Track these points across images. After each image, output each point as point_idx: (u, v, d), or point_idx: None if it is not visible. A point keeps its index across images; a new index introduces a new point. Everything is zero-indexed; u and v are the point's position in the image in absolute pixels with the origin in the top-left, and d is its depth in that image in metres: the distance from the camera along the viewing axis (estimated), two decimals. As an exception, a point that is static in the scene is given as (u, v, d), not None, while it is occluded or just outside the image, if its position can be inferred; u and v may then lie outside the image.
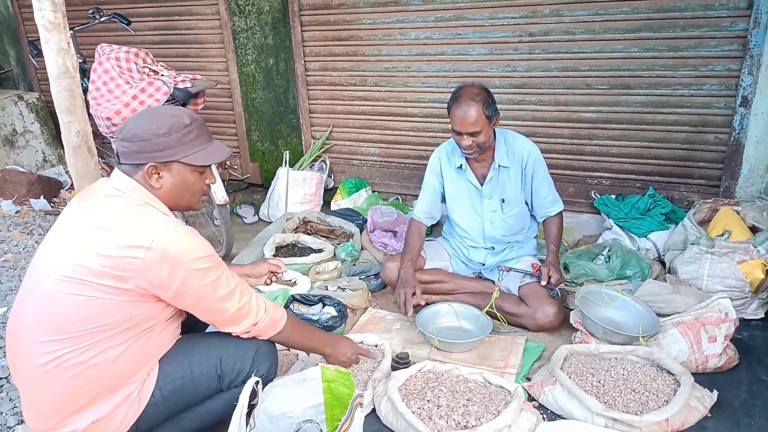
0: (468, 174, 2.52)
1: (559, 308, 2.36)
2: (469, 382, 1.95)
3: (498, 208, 2.53)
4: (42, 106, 4.66)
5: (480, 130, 2.29)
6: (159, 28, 4.23)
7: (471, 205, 2.58)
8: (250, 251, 3.15)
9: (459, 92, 2.34)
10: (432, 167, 2.62)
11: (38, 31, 2.20)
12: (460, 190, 2.57)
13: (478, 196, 2.54)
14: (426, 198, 2.64)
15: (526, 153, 2.46)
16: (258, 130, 4.20)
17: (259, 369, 1.60)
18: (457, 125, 2.32)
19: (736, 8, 2.78)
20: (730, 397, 1.93)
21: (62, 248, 1.43)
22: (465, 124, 2.29)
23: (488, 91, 2.34)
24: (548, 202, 2.52)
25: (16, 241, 3.37)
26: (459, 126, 2.31)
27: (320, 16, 3.71)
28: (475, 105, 2.27)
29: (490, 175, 2.48)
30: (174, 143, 1.49)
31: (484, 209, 2.55)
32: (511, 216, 2.54)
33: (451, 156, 2.56)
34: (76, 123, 2.32)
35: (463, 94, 2.31)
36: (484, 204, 2.54)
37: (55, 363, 1.38)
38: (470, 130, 2.29)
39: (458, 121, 2.31)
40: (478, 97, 2.28)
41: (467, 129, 2.29)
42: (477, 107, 2.27)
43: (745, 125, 2.89)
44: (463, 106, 2.28)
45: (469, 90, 2.32)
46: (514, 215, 2.54)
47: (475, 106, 2.27)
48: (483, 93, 2.31)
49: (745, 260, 2.37)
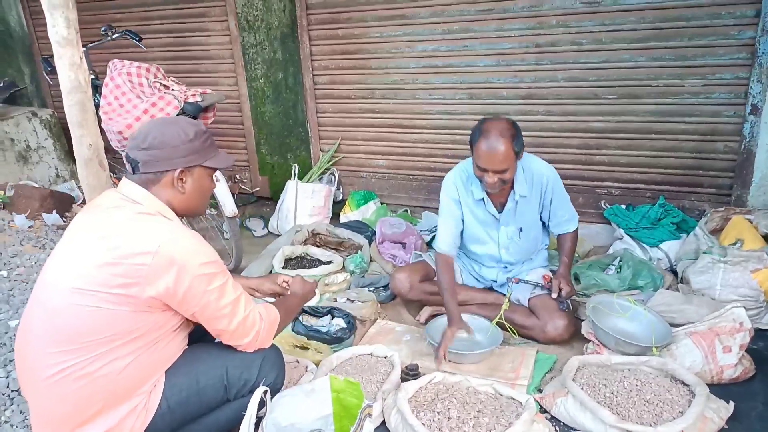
0: (488, 206, 2.40)
1: (570, 321, 2.33)
2: (479, 394, 1.93)
3: (515, 236, 2.46)
4: (55, 122, 4.73)
5: (508, 168, 2.15)
6: (170, 44, 4.30)
7: (486, 232, 2.49)
8: (260, 264, 3.16)
9: (485, 126, 2.15)
10: (449, 194, 2.44)
11: (52, 48, 2.25)
12: (477, 218, 2.46)
13: (495, 224, 2.45)
14: (449, 227, 2.44)
15: (545, 179, 2.35)
16: (267, 144, 4.24)
17: (266, 378, 1.60)
18: (483, 162, 2.15)
19: (744, 16, 2.77)
20: (747, 409, 1.90)
21: (70, 260, 1.44)
22: (493, 162, 2.12)
23: (516, 125, 2.18)
24: (565, 221, 2.47)
25: (28, 255, 3.40)
26: (486, 163, 2.14)
27: (328, 31, 3.75)
28: (505, 141, 2.10)
29: (509, 205, 2.38)
30: (198, 148, 1.57)
31: (500, 237, 2.47)
32: (527, 241, 2.50)
33: (467, 184, 2.41)
34: (87, 136, 2.35)
35: (491, 128, 2.13)
36: (501, 231, 2.46)
37: (62, 374, 1.38)
38: (498, 168, 2.14)
39: (485, 157, 2.13)
40: (507, 132, 2.11)
41: (495, 167, 2.13)
42: (506, 143, 2.10)
43: (755, 133, 2.86)
44: (492, 142, 2.10)
45: (496, 124, 2.14)
46: (530, 239, 2.50)
47: (504, 142, 2.09)
48: (512, 127, 2.15)
49: (758, 269, 2.34)
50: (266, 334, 1.63)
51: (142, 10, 4.29)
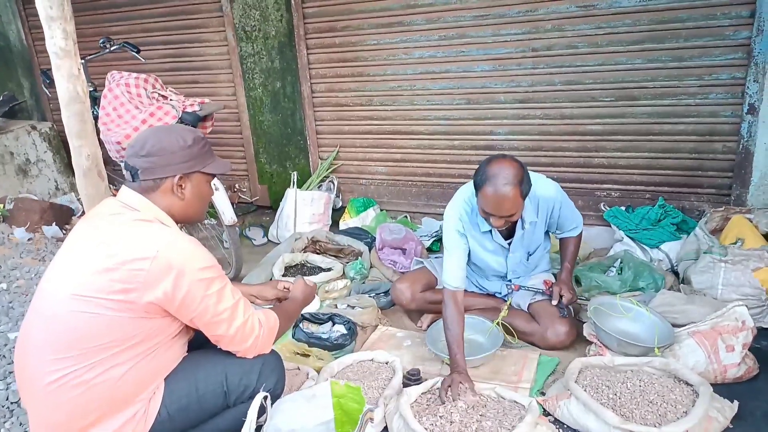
0: (495, 236, 2.33)
1: (571, 328, 2.31)
2: (482, 398, 1.91)
3: (524, 259, 2.43)
4: (54, 135, 4.75)
5: (515, 212, 2.06)
6: (169, 55, 4.32)
7: (494, 260, 2.44)
8: (260, 272, 3.15)
9: (491, 170, 2.00)
10: (454, 228, 2.30)
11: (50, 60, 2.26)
12: (485, 248, 2.39)
13: (503, 252, 2.40)
14: (456, 261, 2.28)
15: (552, 202, 2.28)
16: (266, 153, 4.24)
17: (266, 384, 1.59)
18: (490, 208, 2.04)
19: (739, 17, 2.78)
20: (752, 408, 1.88)
21: (69, 267, 1.44)
22: (500, 209, 2.02)
23: (523, 166, 2.05)
24: (571, 228, 2.45)
25: (28, 267, 3.40)
26: (493, 209, 2.04)
27: (325, 39, 3.77)
28: (513, 188, 1.97)
29: (517, 234, 2.31)
30: (196, 155, 1.58)
31: (509, 262, 2.43)
32: (534, 261, 2.49)
33: (471, 216, 2.30)
34: (86, 147, 2.35)
35: (499, 174, 1.98)
36: (509, 258, 2.42)
37: (61, 381, 1.38)
38: (506, 214, 2.04)
39: (492, 204, 2.02)
40: (515, 178, 1.97)
41: (502, 213, 2.04)
42: (515, 191, 1.97)
43: (753, 133, 2.86)
44: (500, 190, 1.97)
45: (504, 169, 1.98)
46: (537, 259, 2.49)
47: (512, 189, 1.97)
48: (519, 171, 2.01)
49: (760, 268, 2.33)
50: (266, 340, 1.63)
51: (140, 22, 4.32)
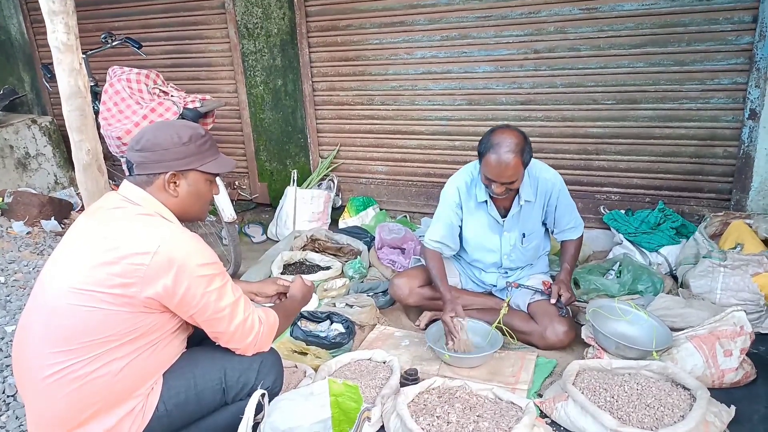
0: (490, 208, 2.39)
1: (570, 327, 2.31)
2: (479, 398, 1.91)
3: (518, 241, 2.44)
4: (54, 129, 4.74)
5: (516, 179, 2.17)
6: (170, 51, 4.32)
7: (489, 238, 2.47)
8: (258, 269, 3.15)
9: (494, 138, 2.14)
10: (450, 199, 2.42)
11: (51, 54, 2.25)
12: (480, 222, 2.44)
13: (498, 229, 2.44)
14: (440, 229, 2.44)
15: (550, 185, 2.35)
16: (266, 150, 4.24)
17: (264, 381, 1.59)
18: (492, 174, 2.15)
19: (741, 22, 2.79)
20: (749, 413, 1.88)
21: (70, 261, 1.44)
22: (502, 175, 2.13)
23: (525, 136, 2.17)
24: (570, 228, 2.46)
25: (26, 261, 3.39)
26: (495, 175, 2.15)
27: (327, 38, 3.76)
28: (514, 155, 2.10)
29: (513, 210, 2.37)
30: (193, 152, 1.55)
31: (503, 243, 2.45)
32: (530, 248, 2.49)
33: (470, 188, 2.40)
34: (86, 142, 2.35)
35: (501, 142, 2.12)
36: (504, 237, 2.44)
37: (59, 375, 1.37)
38: (507, 180, 2.15)
39: (494, 170, 2.14)
40: (517, 146, 2.11)
41: (503, 179, 2.15)
42: (516, 157, 2.10)
43: (754, 138, 2.87)
44: (502, 156, 2.10)
45: (506, 137, 2.12)
46: (533, 247, 2.49)
47: (514, 156, 2.10)
48: (521, 140, 2.14)
49: (759, 273, 2.33)
50: (265, 338, 1.62)
51: (142, 17, 4.31)
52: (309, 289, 1.97)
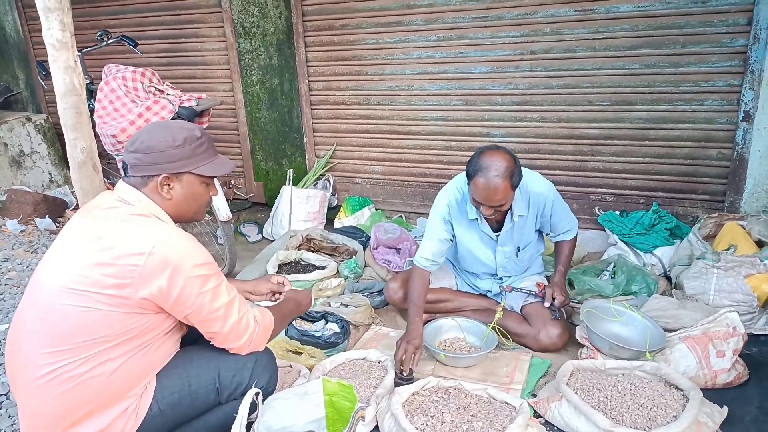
0: (482, 225, 2.35)
1: (563, 330, 2.31)
2: (473, 398, 1.92)
3: (513, 254, 2.43)
4: (49, 127, 4.72)
5: (505, 202, 2.12)
6: (166, 50, 4.31)
7: (483, 252, 2.45)
8: (254, 268, 3.15)
9: (483, 161, 2.07)
10: (440, 214, 2.36)
11: (47, 52, 2.24)
12: (472, 238, 2.41)
13: (491, 244, 2.41)
14: (432, 247, 2.37)
15: (542, 198, 2.30)
16: (262, 150, 4.24)
17: (258, 381, 1.59)
18: (480, 197, 2.10)
19: (736, 24, 2.80)
20: (741, 414, 1.89)
21: (64, 260, 1.43)
22: (491, 199, 2.09)
23: (515, 159, 2.11)
24: (565, 231, 2.46)
25: (20, 259, 3.38)
26: (483, 199, 2.10)
27: (324, 37, 3.76)
28: (503, 180, 2.04)
29: (506, 226, 2.33)
30: (187, 155, 1.53)
31: (498, 256, 2.44)
32: (525, 259, 2.49)
33: (461, 204, 2.35)
34: (81, 140, 2.34)
35: (490, 166, 2.04)
36: (498, 251, 2.43)
37: (52, 375, 1.37)
38: (495, 204, 2.11)
39: (482, 194, 2.09)
40: (506, 171, 2.04)
41: (492, 203, 2.10)
42: (505, 182, 2.04)
43: (747, 140, 2.88)
44: (491, 181, 2.04)
45: (495, 160, 2.05)
46: (527, 256, 2.49)
47: (503, 181, 2.03)
48: (511, 163, 2.07)
49: (752, 274, 2.34)
50: (260, 338, 1.62)
51: (138, 15, 4.30)
52: (307, 294, 1.98)
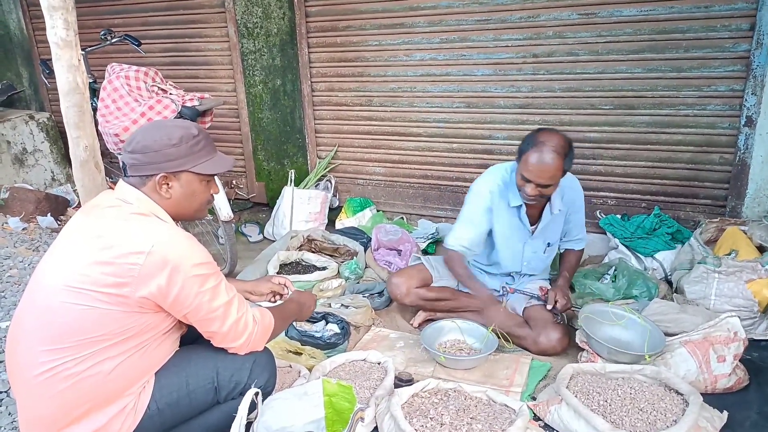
0: (521, 214, 2.32)
1: (563, 334, 2.31)
2: (473, 400, 1.91)
3: (541, 250, 2.42)
4: (52, 125, 4.73)
5: (553, 183, 2.09)
6: (169, 50, 4.31)
7: (513, 245, 2.43)
8: (255, 268, 3.15)
9: (541, 137, 2.06)
10: (482, 202, 2.31)
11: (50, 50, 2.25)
12: (508, 227, 2.36)
13: (524, 237, 2.39)
14: (469, 233, 2.34)
15: (576, 196, 2.31)
16: (264, 150, 4.24)
17: (257, 381, 1.58)
18: (530, 173, 2.06)
19: (739, 29, 2.80)
20: (741, 419, 1.89)
21: (64, 258, 1.44)
22: (542, 176, 2.05)
23: (571, 143, 2.10)
24: (576, 239, 2.47)
25: (21, 257, 3.38)
26: (533, 175, 2.06)
27: (327, 38, 3.77)
28: (557, 157, 2.02)
29: (544, 220, 2.32)
30: (184, 153, 1.52)
31: (525, 250, 2.41)
32: (549, 257, 2.49)
33: (503, 191, 2.30)
34: (84, 138, 2.35)
35: (546, 141, 2.04)
36: (527, 245, 2.40)
37: (51, 373, 1.37)
38: (545, 182, 2.07)
39: (534, 170, 2.05)
40: (562, 149, 2.03)
41: (541, 180, 2.07)
42: (558, 160, 2.03)
43: (750, 145, 2.88)
44: (545, 156, 2.02)
45: (552, 138, 2.05)
46: (551, 255, 2.49)
47: (557, 158, 2.02)
48: (566, 144, 2.06)
49: (753, 279, 2.34)
50: (259, 338, 1.62)
51: (141, 15, 4.31)
52: (311, 297, 1.98)
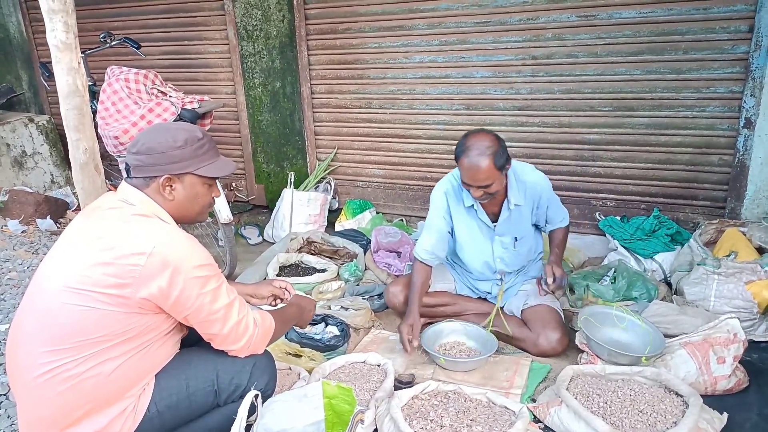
0: (480, 213, 2.39)
1: (563, 334, 2.31)
2: (473, 403, 1.91)
3: (510, 245, 2.44)
4: (52, 128, 4.73)
5: (491, 183, 2.17)
6: (169, 52, 4.32)
7: (481, 244, 2.47)
8: (254, 270, 3.15)
9: (467, 143, 2.17)
10: (438, 206, 2.43)
11: (50, 53, 2.25)
12: (471, 228, 2.44)
13: (489, 234, 2.43)
14: (431, 238, 2.43)
15: (539, 188, 2.36)
16: (264, 152, 4.24)
17: (257, 383, 1.59)
18: (466, 178, 2.19)
19: (737, 31, 2.81)
20: (741, 420, 1.88)
21: (65, 260, 1.44)
22: (476, 179, 2.16)
23: (499, 139, 2.19)
24: (559, 221, 2.50)
25: (21, 259, 3.38)
26: (469, 179, 2.18)
27: (326, 41, 3.77)
28: (486, 158, 2.12)
29: (503, 215, 2.37)
30: (188, 156, 1.54)
31: (495, 247, 2.45)
32: (523, 251, 2.50)
33: (458, 192, 2.41)
34: (84, 140, 2.35)
35: (472, 146, 2.15)
36: (496, 242, 2.44)
37: (52, 374, 1.37)
38: (481, 183, 2.17)
39: (468, 174, 2.17)
40: (488, 149, 2.13)
41: (478, 183, 2.17)
42: (488, 161, 2.12)
43: (749, 147, 2.89)
44: (474, 160, 2.13)
45: (478, 141, 2.15)
46: (526, 249, 2.50)
47: (485, 159, 2.12)
48: (494, 143, 2.15)
49: (752, 281, 2.34)
50: (259, 341, 1.62)
51: (141, 18, 4.31)
52: (311, 301, 1.98)
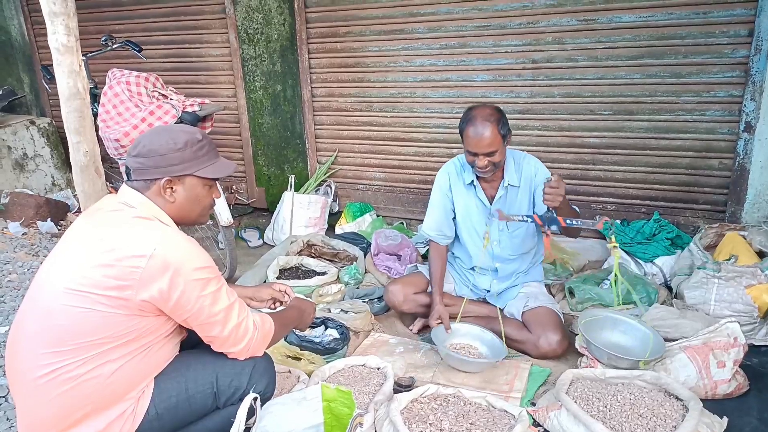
0: (478, 191, 2.49)
1: (563, 336, 2.32)
2: (472, 406, 1.91)
3: (505, 226, 2.50)
4: (53, 131, 4.74)
5: (496, 150, 2.26)
6: (170, 55, 4.33)
7: (478, 222, 2.54)
8: (254, 273, 3.15)
9: (471, 113, 2.30)
10: (441, 185, 2.57)
11: (51, 56, 2.26)
12: (469, 208, 2.53)
13: (485, 214, 2.50)
14: (435, 215, 2.57)
15: (534, 170, 2.44)
16: (264, 155, 4.25)
17: (257, 386, 1.58)
18: (472, 146, 2.28)
19: (737, 35, 2.81)
20: (741, 424, 1.88)
21: (66, 262, 1.44)
22: (481, 145, 2.25)
23: (500, 110, 2.31)
24: None
25: (21, 262, 3.39)
26: (474, 147, 2.27)
27: (327, 44, 3.78)
28: (490, 125, 2.23)
29: (499, 194, 2.46)
30: (189, 158, 1.54)
31: (491, 230, 2.49)
32: (517, 235, 2.51)
33: (460, 173, 2.53)
34: (84, 143, 2.35)
35: (477, 115, 2.27)
36: (492, 224, 2.48)
37: (51, 376, 1.37)
38: (486, 150, 2.25)
39: (473, 142, 2.26)
40: (491, 117, 2.25)
41: (483, 150, 2.26)
42: (492, 127, 2.23)
43: (749, 150, 2.89)
44: (479, 127, 2.24)
45: (481, 110, 2.28)
46: (520, 235, 2.52)
47: (490, 126, 2.23)
48: (496, 113, 2.28)
49: (752, 285, 2.34)
50: (259, 344, 1.62)
51: (143, 21, 4.33)
52: (311, 305, 1.98)
